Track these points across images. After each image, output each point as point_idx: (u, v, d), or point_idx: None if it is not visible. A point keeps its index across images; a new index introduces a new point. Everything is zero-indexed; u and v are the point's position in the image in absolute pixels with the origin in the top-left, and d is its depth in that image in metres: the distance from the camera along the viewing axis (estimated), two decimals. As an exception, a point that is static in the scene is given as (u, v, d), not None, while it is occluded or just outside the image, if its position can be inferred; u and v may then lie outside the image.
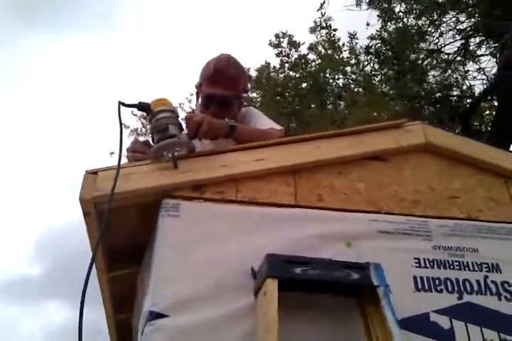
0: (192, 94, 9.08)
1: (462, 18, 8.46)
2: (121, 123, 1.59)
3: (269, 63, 9.57)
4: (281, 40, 9.60)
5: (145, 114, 1.70)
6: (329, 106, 9.50)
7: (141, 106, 1.68)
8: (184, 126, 1.73)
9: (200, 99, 2.34)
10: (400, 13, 8.66)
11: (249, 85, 2.48)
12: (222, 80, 2.23)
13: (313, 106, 9.53)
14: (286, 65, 9.62)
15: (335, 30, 9.26)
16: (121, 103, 1.64)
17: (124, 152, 1.75)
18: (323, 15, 9.08)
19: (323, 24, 9.18)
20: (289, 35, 9.47)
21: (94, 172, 1.52)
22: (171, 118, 1.65)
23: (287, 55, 9.61)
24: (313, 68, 9.35)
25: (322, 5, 8.88)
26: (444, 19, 8.63)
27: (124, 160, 1.62)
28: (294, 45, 9.53)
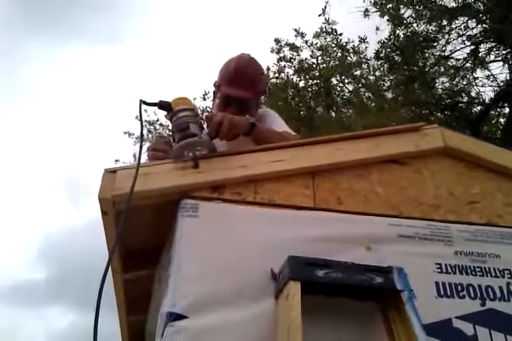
0: (195, 99, 9.06)
1: (472, 24, 8.45)
2: (141, 121, 1.58)
3: (268, 68, 9.51)
4: (282, 44, 9.57)
5: (165, 113, 1.68)
6: (337, 111, 9.48)
7: (162, 105, 1.66)
8: (205, 125, 1.72)
9: (218, 99, 2.32)
10: (410, 18, 8.65)
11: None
12: (242, 81, 2.21)
13: (319, 110, 9.51)
14: (289, 70, 9.56)
15: (340, 34, 9.24)
16: (142, 101, 1.62)
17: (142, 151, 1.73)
18: (327, 21, 9.09)
19: (328, 29, 9.18)
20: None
21: (113, 171, 1.50)
22: (192, 117, 1.63)
23: (289, 60, 9.56)
24: (320, 72, 9.31)
25: (324, 10, 8.90)
26: (454, 25, 8.63)
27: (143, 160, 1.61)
28: (295, 48, 9.47)
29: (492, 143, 2.06)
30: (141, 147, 1.54)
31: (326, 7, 8.91)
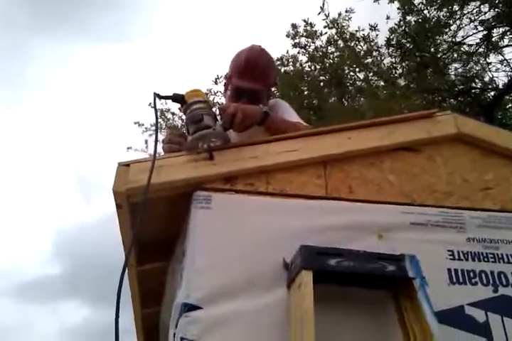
0: (208, 90, 9.07)
1: (485, 8, 8.33)
2: (156, 114, 1.59)
3: (282, 56, 9.47)
4: (299, 30, 9.50)
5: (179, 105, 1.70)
6: (349, 100, 9.43)
7: (176, 98, 1.68)
8: (218, 117, 1.73)
9: (229, 91, 2.32)
10: (421, 5, 8.55)
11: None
12: (254, 73, 2.21)
13: (332, 99, 9.46)
14: (304, 57, 9.53)
15: (347, 27, 9.17)
16: (156, 94, 1.64)
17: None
18: (327, 17, 9.03)
19: (330, 25, 9.11)
20: (311, 23, 9.32)
21: (127, 165, 1.52)
22: (206, 109, 1.64)
23: (304, 47, 9.51)
24: (332, 60, 9.26)
25: (322, 8, 8.83)
26: (466, 10, 8.52)
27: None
28: (311, 35, 9.41)
29: (506, 129, 2.04)
30: (156, 139, 1.55)
31: (323, 4, 8.85)
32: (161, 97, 1.67)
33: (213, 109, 1.70)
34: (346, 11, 9.05)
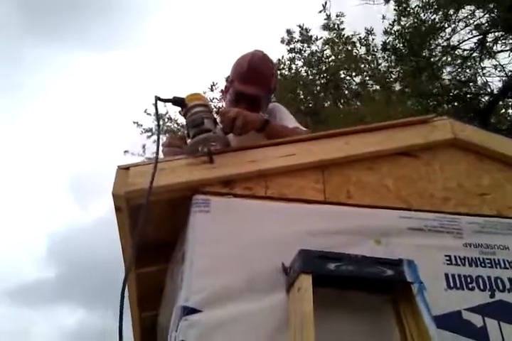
0: (205, 92, 9.09)
1: (480, 13, 8.38)
2: (158, 117, 1.60)
3: (279, 60, 9.51)
4: (294, 35, 9.56)
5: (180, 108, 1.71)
6: (345, 104, 9.46)
7: (176, 101, 1.69)
8: (219, 120, 1.73)
9: (229, 95, 2.33)
10: (417, 8, 8.60)
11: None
12: (256, 79, 2.22)
13: (328, 103, 9.49)
14: (299, 62, 9.57)
15: (343, 29, 9.23)
16: (157, 98, 1.65)
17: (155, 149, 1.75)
18: (328, 17, 9.08)
19: (331, 25, 9.16)
20: (306, 29, 9.37)
21: (126, 168, 1.53)
22: (206, 113, 1.65)
23: (299, 52, 9.56)
24: (329, 65, 9.30)
25: (324, 7, 8.89)
26: (461, 15, 8.57)
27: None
28: (307, 40, 9.46)
29: (501, 134, 2.06)
30: (158, 143, 1.56)
31: (326, 3, 8.91)
32: (161, 100, 1.67)
33: (213, 113, 1.70)
34: (337, 16, 9.12)
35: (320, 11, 9.04)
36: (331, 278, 1.34)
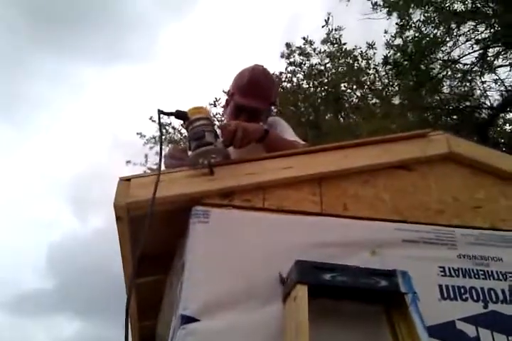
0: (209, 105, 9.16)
1: (481, 28, 8.45)
2: (161, 130, 1.63)
3: (281, 72, 9.61)
4: (293, 49, 9.66)
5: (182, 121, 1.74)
6: (345, 117, 9.51)
7: (179, 114, 1.72)
8: (219, 133, 1.77)
9: (229, 108, 2.38)
10: (418, 23, 8.67)
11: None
12: (256, 92, 2.27)
13: (328, 116, 9.55)
14: (300, 74, 9.65)
15: (344, 44, 9.34)
16: (160, 111, 1.68)
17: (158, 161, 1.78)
18: (330, 32, 9.19)
19: (333, 40, 9.27)
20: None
21: (128, 179, 1.56)
22: (208, 126, 1.69)
23: (299, 65, 9.65)
24: (329, 78, 9.37)
25: (327, 22, 8.99)
26: (462, 30, 8.64)
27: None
28: (306, 53, 9.56)
29: (500, 148, 2.10)
30: (160, 156, 1.60)
31: (328, 19, 9.03)
32: (164, 113, 1.71)
33: (215, 126, 1.74)
34: (335, 30, 9.23)
35: (323, 26, 9.17)
36: (327, 289, 1.37)
